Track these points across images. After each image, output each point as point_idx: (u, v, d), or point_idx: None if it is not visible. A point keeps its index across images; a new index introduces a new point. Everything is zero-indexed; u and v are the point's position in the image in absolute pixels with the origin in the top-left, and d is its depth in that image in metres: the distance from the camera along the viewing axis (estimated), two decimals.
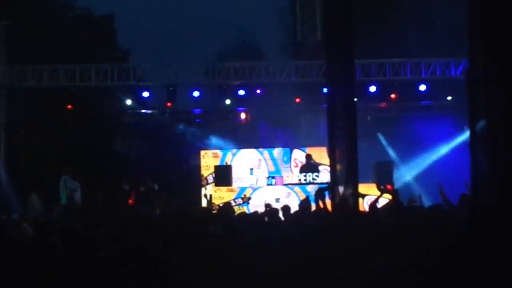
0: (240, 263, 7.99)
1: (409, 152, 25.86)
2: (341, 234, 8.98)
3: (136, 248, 8.47)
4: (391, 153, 25.23)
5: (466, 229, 7.65)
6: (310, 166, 23.15)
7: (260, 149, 24.68)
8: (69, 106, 24.59)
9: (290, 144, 24.95)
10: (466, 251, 7.09)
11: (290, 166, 24.09)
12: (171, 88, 23.83)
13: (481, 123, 6.85)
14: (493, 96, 6.82)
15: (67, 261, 8.29)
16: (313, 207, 13.57)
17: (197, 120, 27.65)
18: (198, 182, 24.40)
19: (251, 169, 24.08)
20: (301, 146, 24.62)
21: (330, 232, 9.53)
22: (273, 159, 24.35)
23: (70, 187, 22.38)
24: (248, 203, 17.67)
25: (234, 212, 16.16)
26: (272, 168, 24.21)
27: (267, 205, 17.59)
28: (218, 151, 24.69)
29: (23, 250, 8.60)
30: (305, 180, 22.78)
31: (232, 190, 22.85)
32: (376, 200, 12.49)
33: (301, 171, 23.29)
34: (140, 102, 24.88)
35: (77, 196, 22.43)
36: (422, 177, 25.40)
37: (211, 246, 8.61)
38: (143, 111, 26.59)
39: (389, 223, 10.53)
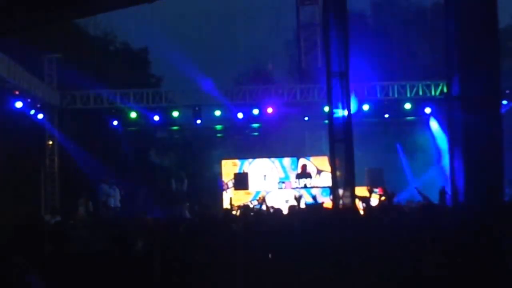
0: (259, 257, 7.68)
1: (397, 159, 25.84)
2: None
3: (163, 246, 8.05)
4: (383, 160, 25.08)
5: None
6: (304, 174, 23.47)
7: (272, 159, 24.71)
8: (115, 122, 24.53)
9: (297, 154, 24.95)
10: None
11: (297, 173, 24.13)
12: (196, 108, 23.89)
13: (458, 135, 6.82)
14: (468, 112, 6.80)
15: None
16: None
17: (218, 134, 27.74)
18: (219, 186, 24.52)
19: (265, 175, 24.16)
20: (306, 155, 24.62)
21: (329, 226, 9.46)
22: (282, 166, 24.39)
23: (105, 193, 22.46)
24: (262, 204, 17.65)
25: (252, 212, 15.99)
26: (282, 175, 24.26)
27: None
28: (236, 161, 24.74)
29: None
30: (299, 185, 23.16)
31: (248, 193, 22.95)
32: (367, 200, 12.39)
33: (297, 177, 23.50)
34: (170, 120, 24.97)
35: (112, 201, 22.43)
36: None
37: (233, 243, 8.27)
38: (173, 128, 26.82)
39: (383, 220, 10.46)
